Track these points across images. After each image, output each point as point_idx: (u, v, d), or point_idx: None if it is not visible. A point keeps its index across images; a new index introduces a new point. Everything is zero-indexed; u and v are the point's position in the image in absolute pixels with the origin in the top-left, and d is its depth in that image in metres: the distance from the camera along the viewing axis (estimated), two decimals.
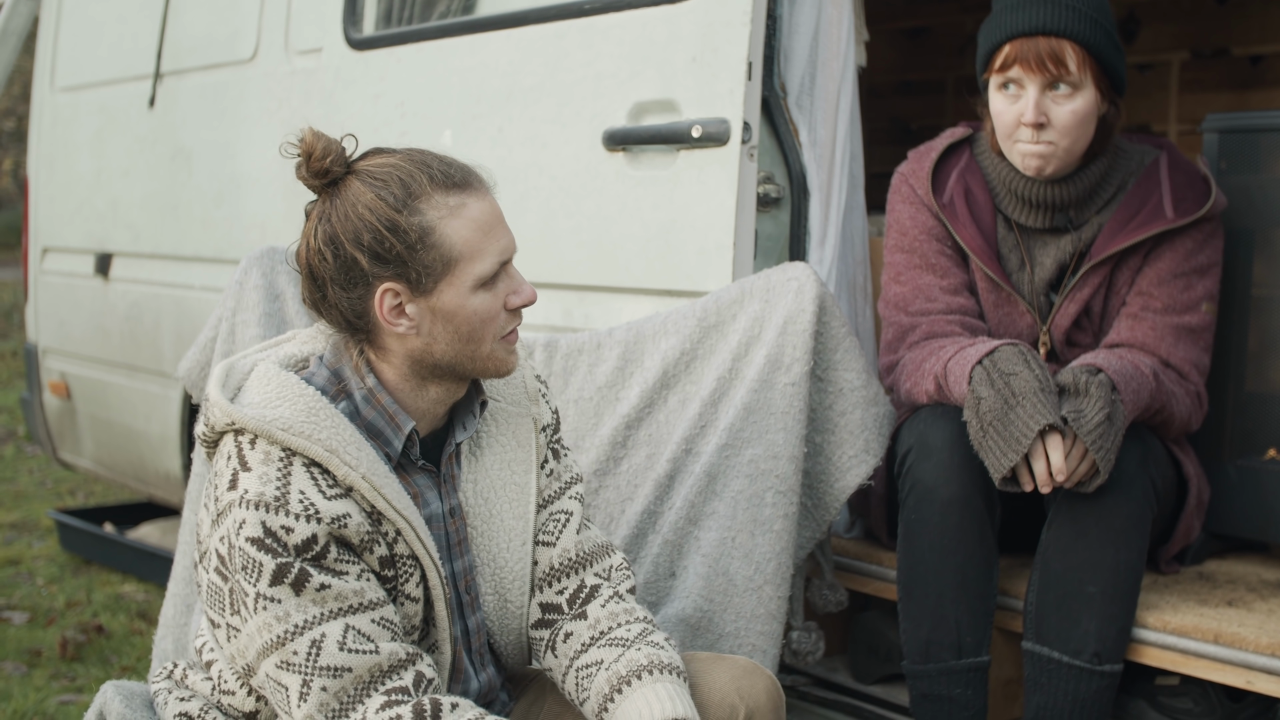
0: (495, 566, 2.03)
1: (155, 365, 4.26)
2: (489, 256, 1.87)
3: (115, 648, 3.97)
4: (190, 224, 4.12)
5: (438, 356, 1.88)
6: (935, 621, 2.41)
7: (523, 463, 2.07)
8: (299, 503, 1.77)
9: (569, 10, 2.98)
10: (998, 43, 2.49)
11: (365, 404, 1.89)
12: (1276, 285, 2.65)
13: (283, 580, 1.76)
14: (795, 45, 2.72)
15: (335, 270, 1.83)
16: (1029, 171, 2.52)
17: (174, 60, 4.24)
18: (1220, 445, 2.69)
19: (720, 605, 2.46)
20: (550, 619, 2.07)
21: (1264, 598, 2.50)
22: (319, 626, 1.78)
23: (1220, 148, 2.68)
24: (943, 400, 2.49)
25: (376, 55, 3.44)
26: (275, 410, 1.81)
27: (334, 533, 1.79)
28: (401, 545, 1.87)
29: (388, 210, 1.81)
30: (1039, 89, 2.45)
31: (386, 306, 1.84)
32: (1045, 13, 2.43)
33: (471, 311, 1.87)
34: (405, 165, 1.85)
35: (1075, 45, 2.42)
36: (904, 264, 2.66)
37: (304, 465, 1.80)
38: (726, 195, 2.65)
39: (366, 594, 1.81)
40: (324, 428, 1.81)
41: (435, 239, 1.83)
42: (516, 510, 2.05)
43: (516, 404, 2.09)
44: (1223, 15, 4.40)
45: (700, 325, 2.62)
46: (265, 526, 1.76)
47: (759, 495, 2.47)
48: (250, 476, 1.79)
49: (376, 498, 1.83)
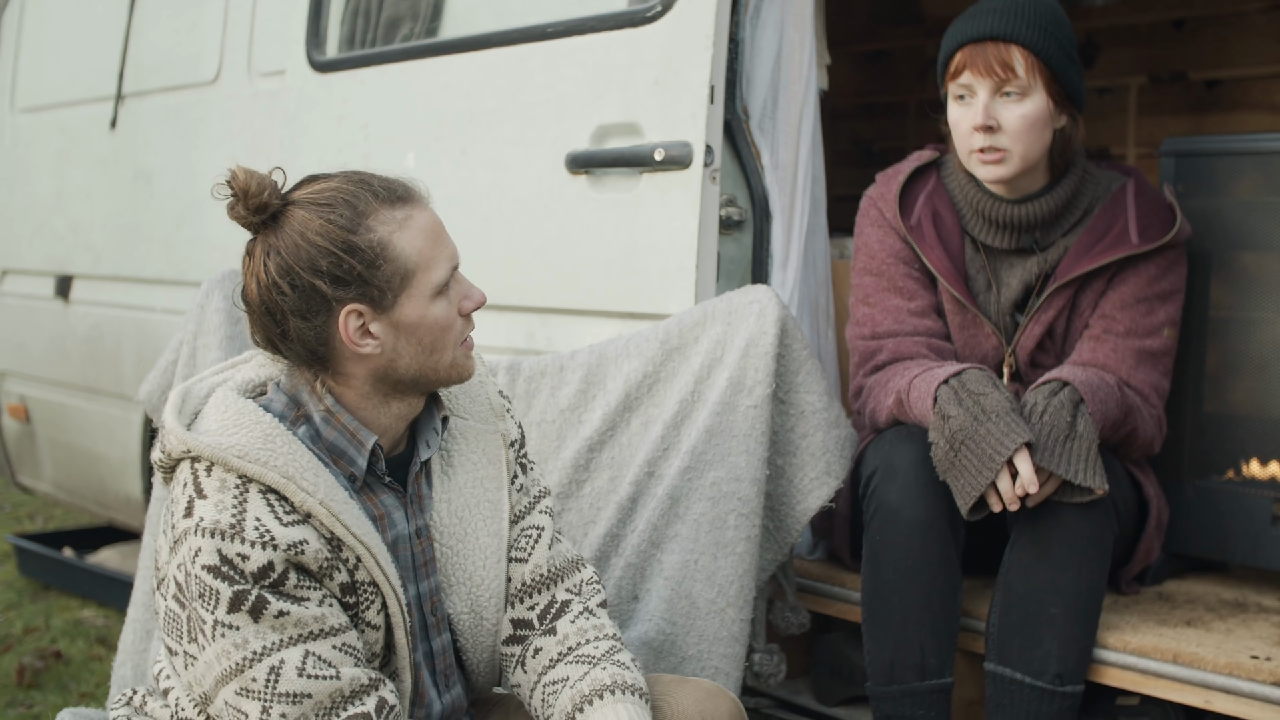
0: (471, 585, 2.03)
1: (116, 388, 4.22)
2: (442, 263, 1.88)
3: (74, 674, 3.93)
4: (152, 246, 4.09)
5: (402, 371, 1.88)
6: (899, 643, 2.42)
7: (494, 479, 2.07)
8: (255, 530, 1.76)
9: (532, 33, 2.98)
10: (950, 51, 2.54)
11: (325, 425, 1.88)
12: (1234, 308, 2.68)
13: (240, 607, 1.75)
14: (757, 68, 2.74)
15: (295, 301, 1.82)
16: (988, 179, 2.54)
17: (136, 82, 4.22)
18: (1179, 466, 2.71)
19: (683, 628, 2.46)
20: (522, 635, 2.07)
21: (1222, 618, 2.52)
22: (278, 653, 1.76)
23: (1177, 171, 2.71)
24: (903, 418, 2.50)
25: (340, 78, 3.44)
26: (231, 437, 1.80)
27: (291, 559, 1.77)
28: (362, 572, 1.86)
29: (341, 232, 1.81)
30: (989, 93, 2.48)
31: (352, 328, 1.83)
32: (994, 20, 2.48)
33: (433, 320, 1.87)
34: (346, 187, 1.85)
35: (1023, 50, 2.46)
36: (872, 286, 2.68)
37: (260, 492, 1.78)
38: (689, 218, 2.65)
39: (328, 620, 1.80)
40: (280, 454, 1.80)
41: (391, 253, 1.83)
42: (491, 527, 2.05)
43: (484, 420, 2.09)
44: (1180, 40, 4.45)
45: (663, 348, 2.62)
46: (221, 554, 1.74)
47: (721, 518, 2.48)
48: (206, 504, 1.77)
49: (335, 524, 1.81)
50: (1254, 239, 2.64)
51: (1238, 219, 2.64)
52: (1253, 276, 2.65)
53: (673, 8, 2.69)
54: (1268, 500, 2.61)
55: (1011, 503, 2.32)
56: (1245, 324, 2.67)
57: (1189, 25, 4.44)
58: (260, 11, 3.77)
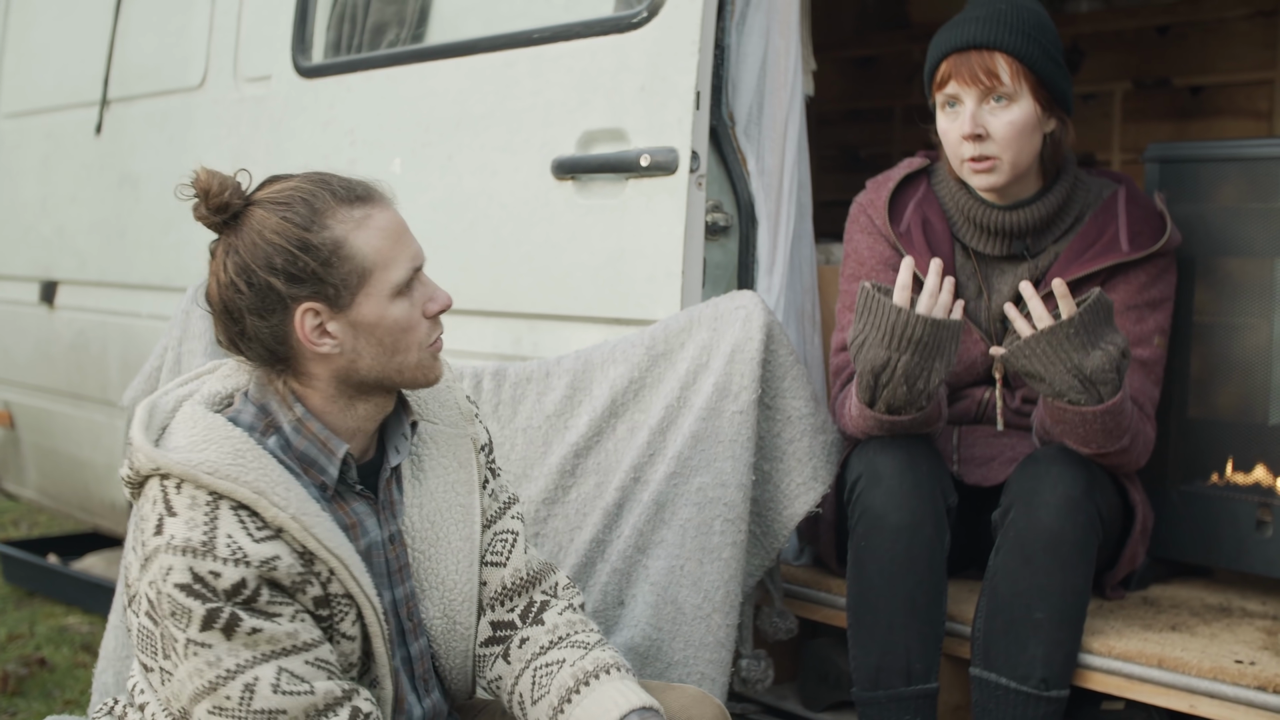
0: (444, 590, 2.03)
1: (101, 394, 4.21)
2: (401, 263, 1.87)
3: (58, 681, 3.91)
4: (138, 251, 4.09)
5: (364, 372, 1.87)
6: (885, 648, 2.42)
7: (465, 483, 2.07)
8: (226, 547, 1.74)
9: (518, 39, 2.98)
10: (936, 62, 2.55)
11: (296, 434, 1.87)
12: (1218, 313, 2.69)
13: (213, 625, 1.74)
14: (743, 75, 2.74)
15: (251, 299, 1.81)
16: (980, 187, 2.55)
17: (121, 87, 4.21)
18: (1164, 471, 2.72)
19: (669, 634, 2.46)
20: (503, 635, 2.08)
21: (1206, 622, 2.53)
22: (251, 670, 1.75)
23: (1161, 177, 2.72)
24: (864, 429, 2.51)
25: (326, 83, 3.44)
26: (201, 454, 1.78)
27: (264, 575, 1.76)
28: (335, 584, 1.85)
29: (296, 230, 1.80)
30: (975, 102, 2.49)
31: (308, 327, 1.83)
32: (977, 28, 2.48)
33: (393, 321, 1.86)
34: (306, 185, 1.85)
35: (1007, 57, 2.47)
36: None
37: (231, 509, 1.77)
38: (675, 224, 2.66)
39: (300, 635, 1.79)
40: (251, 469, 1.78)
41: (347, 251, 1.82)
42: (463, 531, 2.05)
43: (454, 425, 2.09)
44: (1164, 46, 4.47)
45: (649, 353, 2.62)
46: (193, 572, 1.73)
47: (707, 523, 2.48)
48: (176, 522, 1.76)
49: (307, 538, 1.80)
50: (1237, 244, 2.65)
51: (1221, 224, 2.65)
52: (1236, 281, 2.66)
53: (658, 14, 2.69)
54: (1252, 505, 2.62)
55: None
56: (1229, 329, 2.68)
57: (1173, 31, 4.46)
58: (246, 17, 3.76)
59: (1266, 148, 2.68)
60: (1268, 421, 2.63)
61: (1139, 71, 4.51)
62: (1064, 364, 2.32)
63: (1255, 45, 4.25)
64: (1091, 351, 2.31)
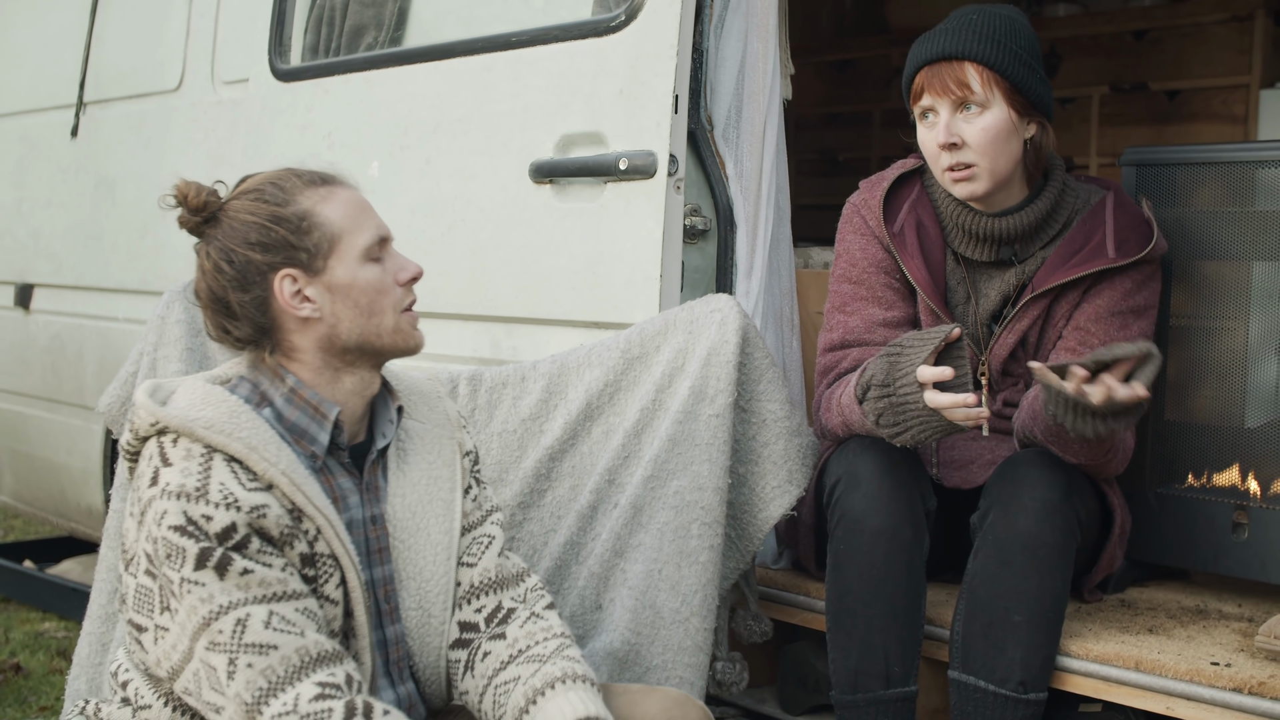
0: (420, 580, 2.09)
1: (77, 398, 4.19)
2: (367, 229, 2.01)
3: (33, 687, 3.89)
4: (114, 255, 4.07)
5: (345, 336, 1.98)
6: (863, 651, 2.42)
7: (448, 480, 2.15)
8: (219, 492, 1.84)
9: (497, 43, 2.98)
10: (910, 75, 2.57)
11: (288, 404, 1.99)
12: (1194, 316, 2.70)
13: (205, 564, 1.82)
14: (721, 78, 2.74)
15: (233, 275, 1.96)
16: (962, 196, 2.55)
17: (98, 89, 4.19)
18: (1141, 473, 2.73)
19: (648, 638, 2.46)
20: (468, 638, 2.11)
21: (1183, 624, 2.54)
22: (244, 608, 1.83)
23: (1138, 181, 2.73)
24: (849, 432, 2.51)
25: (303, 86, 3.43)
26: (199, 411, 1.90)
27: (253, 523, 1.85)
28: (321, 544, 1.93)
29: (267, 207, 1.96)
30: (949, 111, 2.50)
31: (287, 292, 1.96)
32: (946, 40, 2.51)
33: (365, 282, 1.99)
34: (274, 174, 2.03)
35: (977, 65, 2.48)
36: (850, 294, 2.68)
37: (225, 460, 1.88)
38: (653, 227, 2.66)
39: (290, 584, 1.87)
40: (244, 427, 1.90)
41: (315, 219, 1.97)
42: (443, 525, 2.12)
43: (440, 426, 2.19)
44: (1140, 51, 4.49)
45: (624, 357, 2.62)
46: (186, 515, 1.82)
47: (684, 527, 2.48)
48: (171, 470, 1.86)
49: (296, 493, 1.90)
50: (1214, 248, 2.66)
51: (1198, 228, 2.66)
52: (1213, 285, 2.67)
53: (637, 18, 2.69)
54: (1228, 507, 2.63)
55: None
56: (1205, 332, 2.69)
57: (1150, 36, 4.48)
58: (223, 20, 3.75)
59: (1242, 152, 2.69)
60: (1244, 424, 2.64)
61: (1116, 76, 4.54)
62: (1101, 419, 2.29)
63: (1231, 50, 4.27)
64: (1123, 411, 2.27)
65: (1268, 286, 2.60)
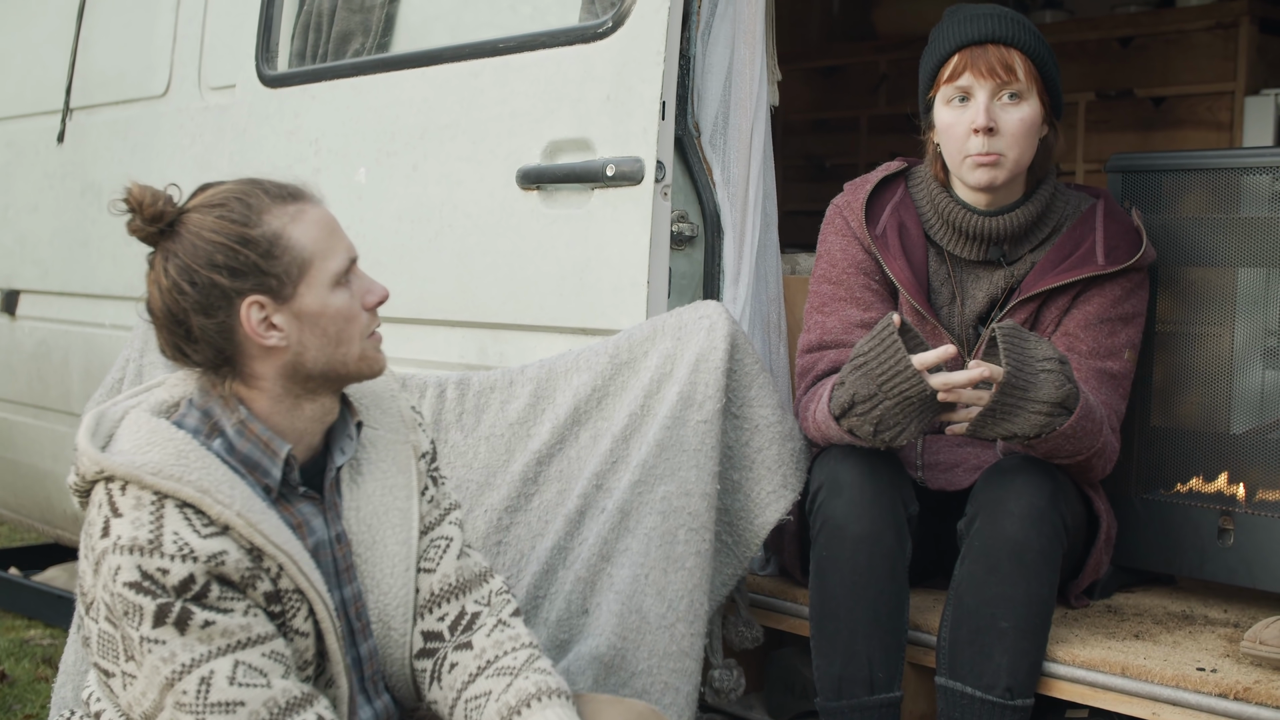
0: (379, 593, 2.03)
1: (63, 404, 4.18)
2: (338, 254, 1.91)
3: (19, 695, 3.87)
4: (101, 260, 4.06)
5: (310, 365, 1.89)
6: (847, 658, 2.42)
7: (404, 488, 2.08)
8: (173, 544, 1.76)
9: (484, 49, 2.98)
10: (947, 53, 2.54)
11: (239, 437, 1.89)
12: (1180, 322, 2.71)
13: (165, 620, 1.75)
14: (708, 85, 2.75)
15: (196, 299, 1.84)
16: (979, 183, 2.54)
17: (84, 95, 4.18)
18: (1127, 480, 2.74)
19: (634, 643, 2.46)
20: (432, 647, 2.07)
21: (1169, 630, 2.54)
22: (207, 664, 1.76)
23: (1124, 187, 2.74)
24: (827, 443, 2.52)
25: (290, 92, 3.42)
26: (145, 455, 1.80)
27: (212, 571, 1.78)
28: (285, 580, 1.87)
29: (234, 226, 1.84)
30: (989, 95, 2.50)
31: (254, 320, 1.85)
32: (994, 24, 2.51)
33: (335, 310, 1.90)
34: (239, 187, 1.89)
35: (1022, 55, 2.49)
36: (829, 295, 2.68)
37: (176, 507, 1.79)
38: (641, 233, 2.66)
39: (254, 628, 1.80)
40: (195, 469, 1.80)
41: (286, 243, 1.86)
42: (400, 535, 2.06)
43: (394, 431, 2.11)
44: (1126, 57, 4.50)
45: (612, 362, 2.62)
46: (141, 570, 1.75)
47: (671, 532, 2.47)
48: (122, 522, 1.78)
49: (254, 534, 1.82)
50: (1199, 254, 2.67)
51: (1184, 234, 2.67)
52: (1198, 291, 2.68)
53: (624, 24, 2.69)
54: (1214, 513, 2.64)
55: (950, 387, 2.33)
56: (1191, 338, 2.70)
57: (1135, 43, 4.49)
58: (210, 25, 3.75)
59: (1228, 158, 2.70)
60: (1230, 430, 2.65)
61: (1102, 82, 4.55)
62: (1027, 409, 2.31)
63: (1216, 57, 4.28)
64: (1037, 379, 2.30)
65: (1253, 292, 2.61)
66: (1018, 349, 2.29)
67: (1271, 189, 2.58)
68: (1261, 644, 2.28)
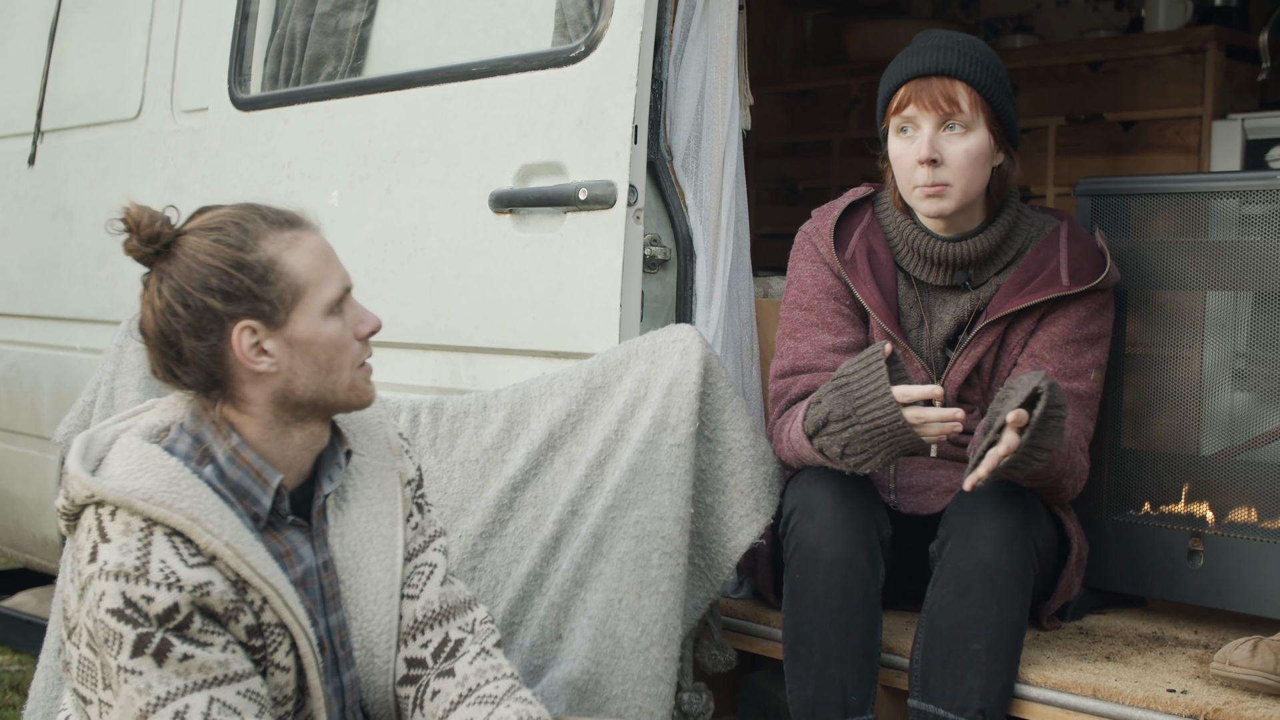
0: (364, 619, 2.03)
1: (33, 428, 4.15)
2: (333, 282, 1.91)
3: None
4: (72, 284, 4.04)
5: (300, 393, 1.89)
6: (820, 681, 2.42)
7: (389, 515, 2.07)
8: (160, 571, 1.75)
9: (457, 73, 2.98)
10: (894, 86, 2.57)
11: (230, 464, 1.88)
12: (1150, 344, 2.73)
13: (143, 651, 1.74)
14: (681, 109, 2.76)
15: (188, 321, 1.84)
16: (929, 213, 2.57)
17: (56, 118, 4.17)
18: (1098, 501, 2.75)
19: (608, 667, 2.45)
20: (415, 674, 2.07)
21: (1140, 651, 2.55)
22: (182, 698, 1.75)
23: (1093, 211, 2.76)
24: (800, 464, 2.52)
25: (263, 115, 3.42)
26: (136, 481, 1.80)
27: (196, 601, 1.77)
28: (269, 613, 1.85)
29: (230, 251, 1.84)
30: (933, 127, 2.51)
31: (245, 345, 1.85)
32: (939, 56, 2.52)
33: (327, 339, 1.89)
34: (236, 212, 1.89)
35: (967, 86, 2.51)
36: (800, 321, 2.69)
37: (165, 535, 1.78)
38: (613, 257, 2.66)
39: (231, 665, 1.79)
40: (185, 497, 1.80)
41: (281, 269, 1.86)
42: (384, 563, 2.05)
43: (380, 458, 2.10)
44: (1096, 82, 4.54)
45: (586, 387, 2.62)
46: (125, 597, 1.74)
47: (645, 556, 2.47)
48: (110, 548, 1.77)
49: (241, 565, 1.81)
50: (1168, 277, 2.69)
51: (1153, 257, 2.69)
52: (1168, 314, 2.70)
53: (596, 48, 2.70)
54: (1184, 535, 2.65)
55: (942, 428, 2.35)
56: (1161, 361, 2.71)
57: (1105, 67, 4.53)
58: (183, 48, 3.74)
59: (1196, 182, 2.73)
60: (1199, 452, 2.67)
61: (1072, 106, 4.58)
62: (1033, 456, 2.31)
63: (1184, 82, 4.32)
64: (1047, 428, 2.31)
65: (1221, 315, 2.63)
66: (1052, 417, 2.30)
67: (1239, 213, 2.60)
68: (1231, 665, 2.29)
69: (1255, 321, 2.61)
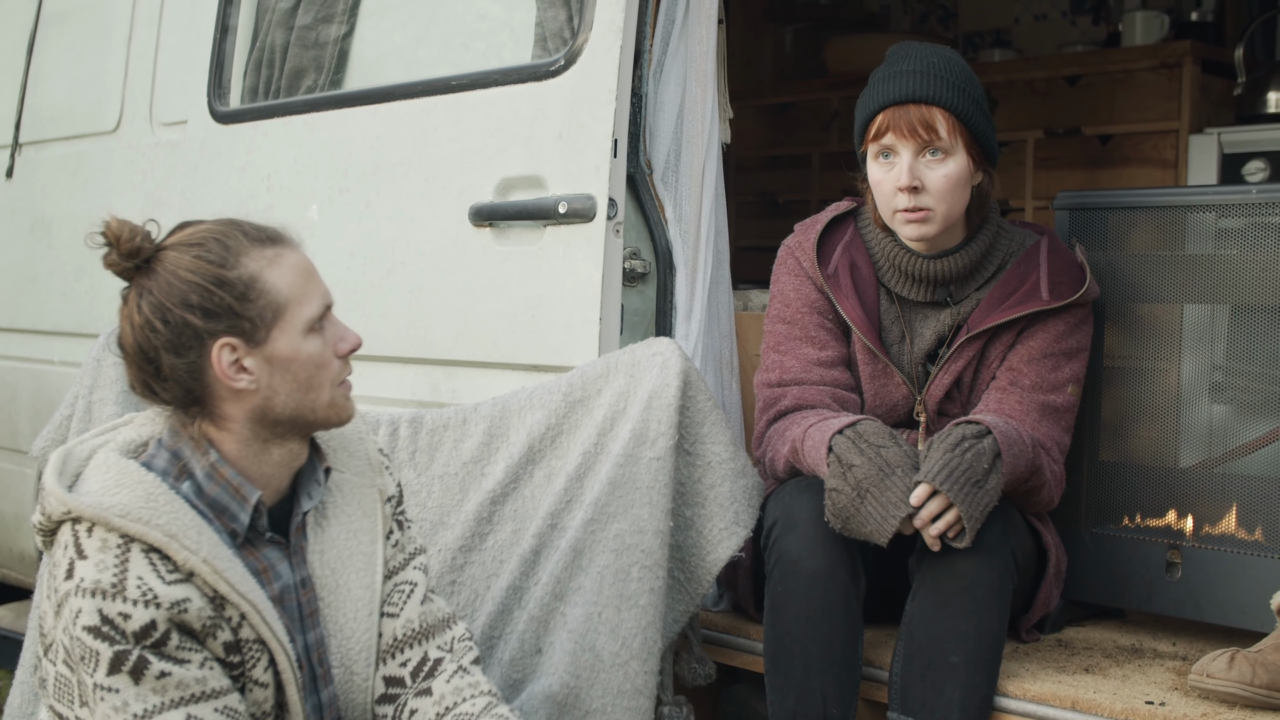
0: (342, 638, 2.02)
1: (10, 442, 4.13)
2: (314, 299, 1.91)
3: None
4: (50, 297, 4.02)
5: (279, 410, 1.88)
6: (801, 693, 2.42)
7: (369, 532, 2.06)
8: (137, 589, 1.75)
9: (437, 86, 2.98)
10: (872, 113, 2.56)
11: (208, 480, 1.88)
12: (1128, 357, 2.74)
13: (120, 669, 1.73)
14: (660, 122, 2.76)
15: (167, 337, 1.83)
16: (911, 237, 2.57)
17: (34, 130, 4.15)
18: (1076, 514, 2.76)
19: (587, 681, 2.45)
20: (394, 693, 2.06)
21: (1119, 663, 2.56)
22: (159, 716, 1.74)
23: (1071, 224, 2.77)
24: (798, 467, 2.53)
25: (242, 129, 3.41)
26: (113, 497, 1.79)
27: (174, 618, 1.76)
28: (247, 630, 1.85)
29: (211, 267, 1.83)
30: (912, 154, 2.51)
31: (225, 362, 1.84)
32: (915, 82, 2.51)
33: (307, 356, 1.89)
34: (218, 228, 1.88)
35: (945, 112, 2.50)
36: (784, 335, 2.70)
37: (143, 551, 1.77)
38: (593, 270, 2.66)
39: (209, 682, 1.78)
40: (163, 513, 1.79)
41: (262, 287, 1.86)
42: (364, 580, 2.04)
43: (361, 474, 2.10)
44: (1074, 96, 4.57)
45: (566, 400, 2.62)
46: (102, 614, 1.73)
47: (625, 570, 2.47)
48: (87, 564, 1.76)
49: (219, 581, 1.80)
50: (1146, 290, 2.70)
51: (1131, 271, 2.71)
52: (1146, 327, 2.71)
53: (576, 62, 2.71)
54: (1162, 547, 2.66)
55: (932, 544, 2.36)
56: (1138, 373, 2.73)
57: (1083, 82, 4.56)
58: (162, 61, 3.73)
59: (1173, 196, 2.74)
60: (1177, 465, 2.68)
61: (1050, 120, 4.61)
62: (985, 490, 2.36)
63: (1161, 97, 4.36)
64: (975, 470, 2.35)
65: (1198, 328, 2.65)
66: (955, 474, 2.33)
67: (1216, 226, 2.62)
68: (1209, 677, 2.30)
69: (1232, 334, 2.63)
